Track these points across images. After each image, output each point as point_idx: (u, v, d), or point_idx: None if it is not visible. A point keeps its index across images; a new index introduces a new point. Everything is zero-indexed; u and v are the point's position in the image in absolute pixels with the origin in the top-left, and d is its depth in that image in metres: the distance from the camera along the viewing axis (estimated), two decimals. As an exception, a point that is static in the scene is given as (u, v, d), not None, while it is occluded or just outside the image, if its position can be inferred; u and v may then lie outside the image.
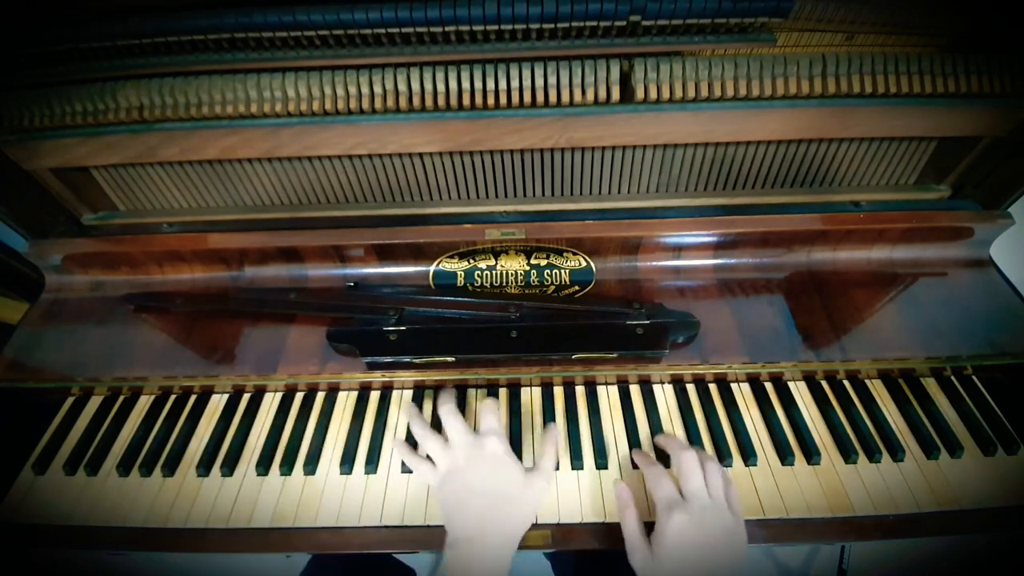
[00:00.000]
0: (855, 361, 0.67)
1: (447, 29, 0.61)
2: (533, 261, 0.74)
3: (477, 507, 0.54)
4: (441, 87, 0.65)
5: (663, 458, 0.63)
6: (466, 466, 0.56)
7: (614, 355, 0.66)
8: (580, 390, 0.71)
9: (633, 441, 0.65)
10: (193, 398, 0.73)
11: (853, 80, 0.65)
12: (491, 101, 0.66)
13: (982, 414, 0.66)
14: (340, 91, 0.66)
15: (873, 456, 0.63)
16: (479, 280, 0.74)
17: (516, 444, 0.65)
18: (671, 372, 0.70)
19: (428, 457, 0.60)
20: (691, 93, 0.65)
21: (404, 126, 0.67)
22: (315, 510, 0.61)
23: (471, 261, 0.74)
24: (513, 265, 0.74)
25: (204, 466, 0.65)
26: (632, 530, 0.55)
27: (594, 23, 0.60)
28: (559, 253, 0.74)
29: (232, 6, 0.60)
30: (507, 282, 0.74)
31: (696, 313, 0.68)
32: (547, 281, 0.74)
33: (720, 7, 0.58)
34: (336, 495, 0.62)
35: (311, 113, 0.67)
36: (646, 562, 0.53)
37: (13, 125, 0.69)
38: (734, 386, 0.71)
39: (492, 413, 0.60)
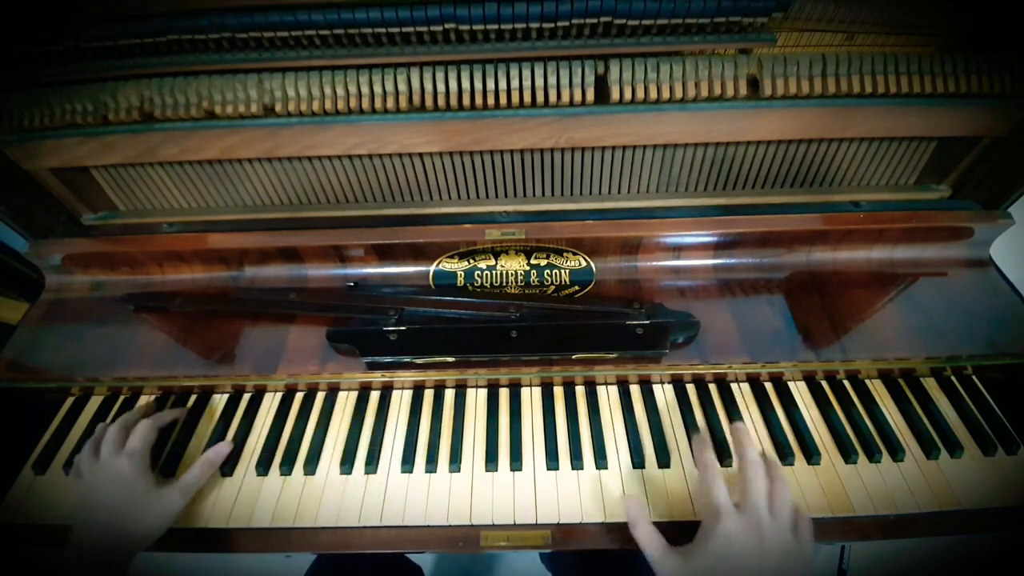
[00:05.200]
0: (855, 361, 0.67)
1: (447, 29, 0.61)
2: (533, 261, 0.74)
3: (95, 519, 0.55)
4: (441, 87, 0.65)
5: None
6: (92, 482, 0.58)
7: (614, 355, 0.66)
8: (580, 390, 0.71)
9: (633, 441, 0.65)
10: (193, 398, 0.72)
11: (853, 80, 0.65)
12: (491, 101, 0.66)
13: (982, 414, 0.66)
14: (340, 91, 0.66)
15: (873, 456, 0.63)
16: (479, 280, 0.74)
17: (515, 445, 0.65)
18: (671, 372, 0.70)
19: None
20: (691, 93, 0.65)
21: (404, 126, 0.67)
22: (315, 510, 0.61)
23: (471, 261, 0.74)
24: (513, 265, 0.74)
25: (204, 466, 0.65)
26: (652, 544, 0.52)
27: (594, 22, 0.60)
28: (559, 253, 0.74)
29: (233, 7, 0.60)
30: (507, 282, 0.74)
31: (696, 313, 0.68)
32: (547, 281, 0.74)
33: (720, 6, 0.58)
34: (336, 495, 0.62)
35: (311, 113, 0.67)
36: (679, 570, 0.49)
37: (13, 125, 0.68)
38: (734, 386, 0.70)
39: (139, 433, 0.60)
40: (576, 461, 0.63)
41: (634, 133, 0.68)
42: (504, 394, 0.71)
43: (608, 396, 0.70)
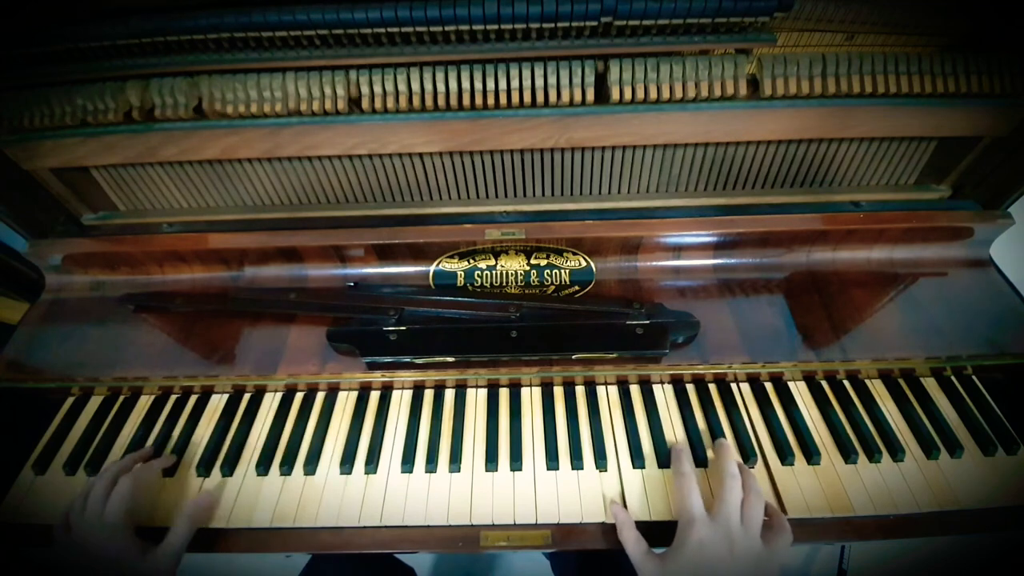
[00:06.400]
0: (855, 361, 0.67)
1: (447, 29, 0.61)
2: (533, 261, 0.74)
3: None
4: (441, 87, 0.65)
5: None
6: (81, 540, 0.54)
7: (614, 355, 0.66)
8: (580, 390, 0.71)
9: (633, 441, 0.65)
10: (193, 398, 0.72)
11: (853, 80, 0.65)
12: (491, 101, 0.66)
13: (982, 414, 0.66)
14: (340, 91, 0.66)
15: (873, 456, 0.63)
16: (479, 280, 0.74)
17: (515, 445, 0.65)
18: (671, 372, 0.70)
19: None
20: (691, 93, 0.65)
21: (404, 126, 0.67)
22: (315, 510, 0.61)
23: (471, 261, 0.74)
24: (513, 265, 0.74)
25: (204, 466, 0.65)
26: (636, 548, 0.54)
27: (594, 23, 0.60)
28: (559, 253, 0.74)
29: (232, 6, 0.60)
30: (507, 282, 0.74)
31: (696, 313, 0.68)
32: (547, 281, 0.74)
33: (720, 7, 0.58)
34: (336, 495, 0.62)
35: (311, 113, 0.67)
36: (658, 573, 0.52)
37: (13, 125, 0.69)
38: (734, 386, 0.70)
39: (115, 500, 0.55)
40: (576, 461, 0.63)
41: (634, 133, 0.68)
42: (504, 394, 0.71)
43: (608, 396, 0.70)
